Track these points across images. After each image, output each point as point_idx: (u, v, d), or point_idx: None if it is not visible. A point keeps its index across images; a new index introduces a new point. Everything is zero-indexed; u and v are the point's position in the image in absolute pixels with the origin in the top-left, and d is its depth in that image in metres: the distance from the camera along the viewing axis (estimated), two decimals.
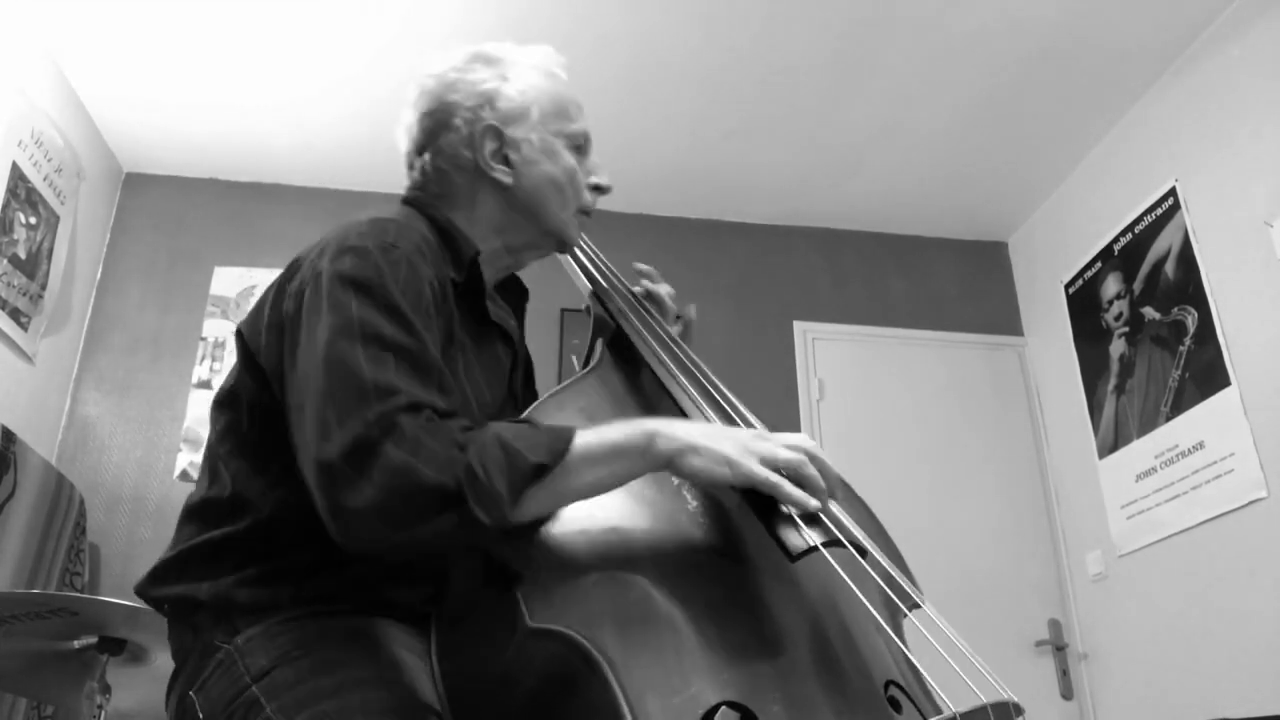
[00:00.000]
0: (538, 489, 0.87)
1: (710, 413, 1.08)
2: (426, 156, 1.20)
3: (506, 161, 1.18)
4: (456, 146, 1.18)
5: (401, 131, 1.24)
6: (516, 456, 0.86)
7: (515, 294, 1.32)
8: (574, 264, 1.38)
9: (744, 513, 0.96)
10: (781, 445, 0.94)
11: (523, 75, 1.22)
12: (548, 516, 0.90)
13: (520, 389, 1.25)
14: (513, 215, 1.20)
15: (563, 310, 3.53)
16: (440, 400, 0.91)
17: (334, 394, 0.89)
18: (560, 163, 1.21)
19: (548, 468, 0.87)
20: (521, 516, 0.87)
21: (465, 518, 0.83)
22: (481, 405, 1.08)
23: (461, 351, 1.08)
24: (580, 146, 1.25)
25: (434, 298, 1.01)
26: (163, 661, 1.91)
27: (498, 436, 0.88)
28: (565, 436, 0.90)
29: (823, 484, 0.93)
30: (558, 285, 1.37)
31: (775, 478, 0.91)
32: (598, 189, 1.27)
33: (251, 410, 1.07)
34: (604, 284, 1.34)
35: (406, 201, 1.21)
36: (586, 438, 0.90)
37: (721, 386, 1.18)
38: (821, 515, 0.92)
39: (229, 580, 1.01)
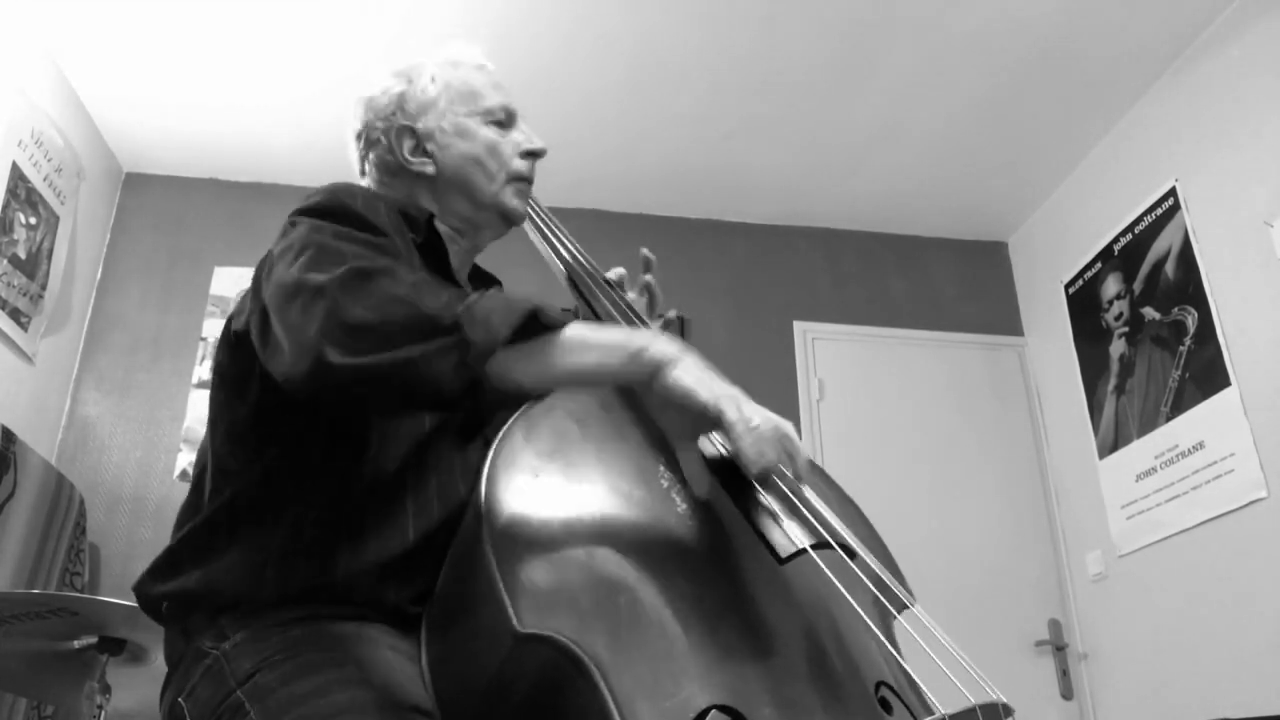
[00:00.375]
0: (526, 350, 0.88)
1: None
2: (367, 172, 1.29)
3: (425, 153, 1.24)
4: (383, 156, 1.26)
5: (350, 157, 1.33)
6: (515, 303, 0.88)
7: (486, 285, 1.34)
8: (553, 255, 1.38)
9: (732, 515, 0.95)
10: (760, 413, 0.93)
11: (427, 72, 1.28)
12: (524, 387, 0.91)
13: None
14: (446, 200, 1.24)
15: (561, 310, 3.53)
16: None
17: (314, 260, 0.92)
18: (476, 139, 1.25)
19: (540, 322, 0.88)
20: (506, 366, 0.87)
21: (454, 344, 0.84)
22: None
23: None
24: (501, 121, 1.27)
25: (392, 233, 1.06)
26: (163, 661, 1.91)
27: (496, 293, 0.91)
28: (563, 316, 0.92)
29: (780, 455, 0.93)
30: (556, 285, 1.37)
31: (742, 425, 0.90)
32: (530, 154, 1.28)
33: (230, 384, 1.08)
34: (584, 276, 1.34)
35: None
36: (585, 326, 0.93)
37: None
38: (810, 517, 0.92)
39: (217, 566, 1.02)
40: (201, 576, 1.02)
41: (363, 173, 1.30)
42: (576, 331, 0.91)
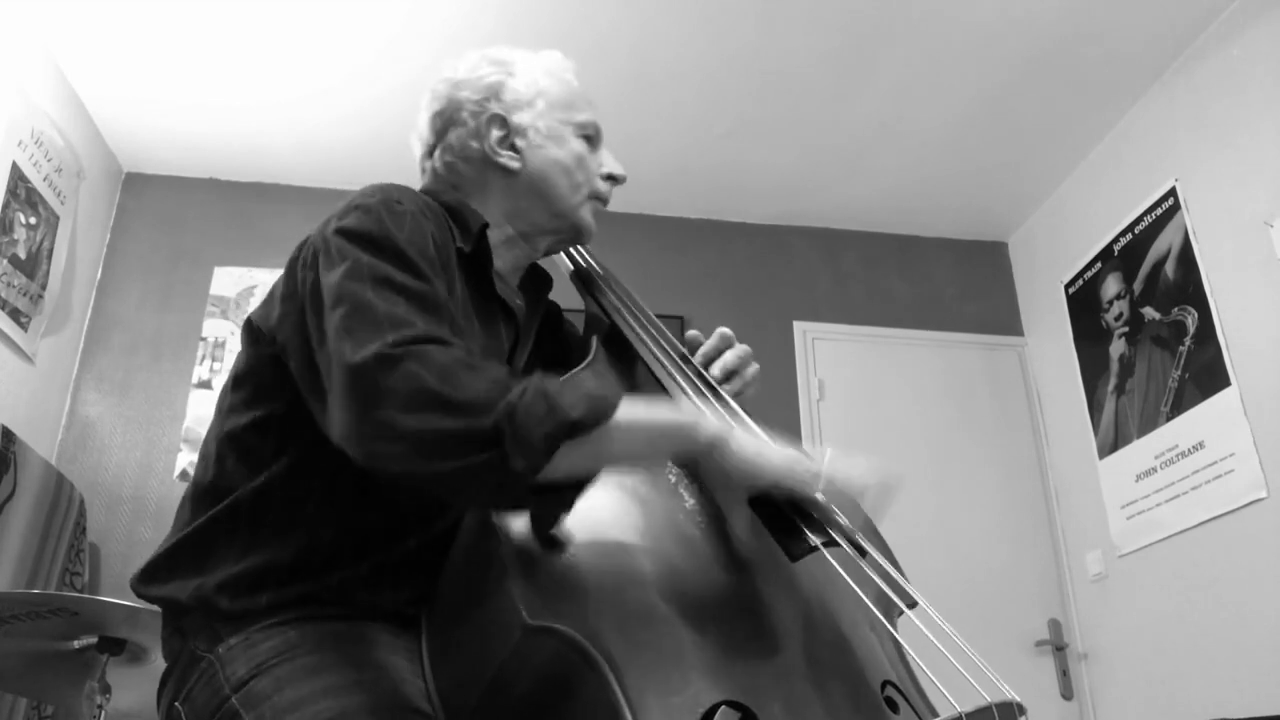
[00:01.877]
0: (574, 447, 0.83)
1: (709, 414, 1.07)
2: (436, 154, 1.23)
3: (513, 148, 1.20)
4: (464, 139, 1.21)
5: (415, 139, 1.27)
6: (558, 410, 0.83)
7: (539, 283, 1.32)
8: (567, 259, 1.38)
9: (742, 512, 0.95)
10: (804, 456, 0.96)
11: (529, 71, 1.25)
12: (581, 481, 0.88)
13: (521, 372, 1.24)
14: (522, 201, 1.21)
15: (562, 310, 3.52)
16: (453, 341, 0.90)
17: (349, 321, 0.88)
18: (568, 147, 1.23)
19: (587, 426, 0.84)
20: (553, 472, 0.83)
21: (494, 462, 0.81)
22: None
23: (466, 319, 1.08)
24: (590, 137, 1.26)
25: (437, 255, 1.02)
26: (162, 661, 1.91)
27: (541, 386, 0.85)
28: (611, 401, 0.87)
29: (847, 493, 0.96)
30: (557, 285, 1.37)
31: (808, 480, 0.93)
32: (611, 178, 1.27)
33: (251, 391, 1.06)
34: (599, 281, 1.34)
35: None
36: (632, 409, 0.88)
37: (718, 387, 1.17)
38: (819, 515, 0.92)
39: (211, 582, 1.00)
40: (194, 591, 1.00)
41: (429, 153, 1.24)
42: (624, 417, 0.87)
